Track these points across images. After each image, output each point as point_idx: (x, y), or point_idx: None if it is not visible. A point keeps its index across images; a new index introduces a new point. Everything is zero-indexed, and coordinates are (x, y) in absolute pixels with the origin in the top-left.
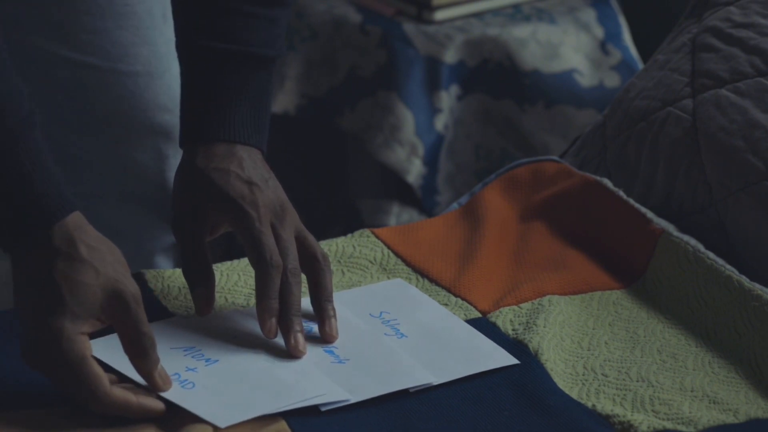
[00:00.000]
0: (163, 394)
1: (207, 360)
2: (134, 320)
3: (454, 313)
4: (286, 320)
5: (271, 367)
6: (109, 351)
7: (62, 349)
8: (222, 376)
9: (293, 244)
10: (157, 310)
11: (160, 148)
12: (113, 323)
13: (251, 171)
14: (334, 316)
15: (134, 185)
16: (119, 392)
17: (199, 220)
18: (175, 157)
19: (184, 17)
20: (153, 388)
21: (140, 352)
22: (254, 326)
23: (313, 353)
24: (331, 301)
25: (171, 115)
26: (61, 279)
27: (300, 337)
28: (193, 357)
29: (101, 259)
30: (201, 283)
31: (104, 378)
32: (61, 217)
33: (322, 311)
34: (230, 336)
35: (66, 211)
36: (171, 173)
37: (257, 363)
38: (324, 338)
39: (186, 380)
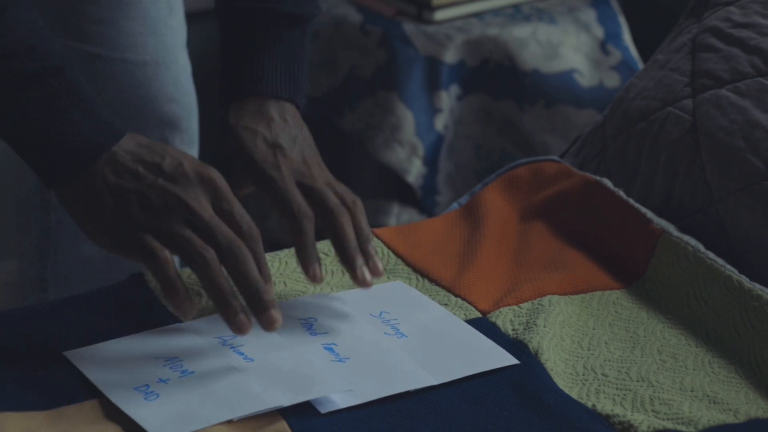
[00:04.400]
0: (119, 406)
1: (183, 372)
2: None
3: (454, 313)
4: (347, 257)
5: (248, 375)
6: (88, 361)
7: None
8: (189, 387)
9: (328, 190)
10: (157, 310)
11: (167, 139)
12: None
13: (279, 131)
14: (376, 254)
15: None
16: (178, 277)
17: (227, 174)
18: (181, 147)
19: None
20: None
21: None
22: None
23: (312, 351)
24: (370, 241)
25: (177, 105)
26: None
27: (366, 271)
28: (171, 368)
29: (172, 154)
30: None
31: (171, 262)
32: (115, 139)
33: (364, 252)
34: (222, 341)
35: (119, 133)
36: None
37: (234, 372)
38: (373, 273)
39: (152, 392)
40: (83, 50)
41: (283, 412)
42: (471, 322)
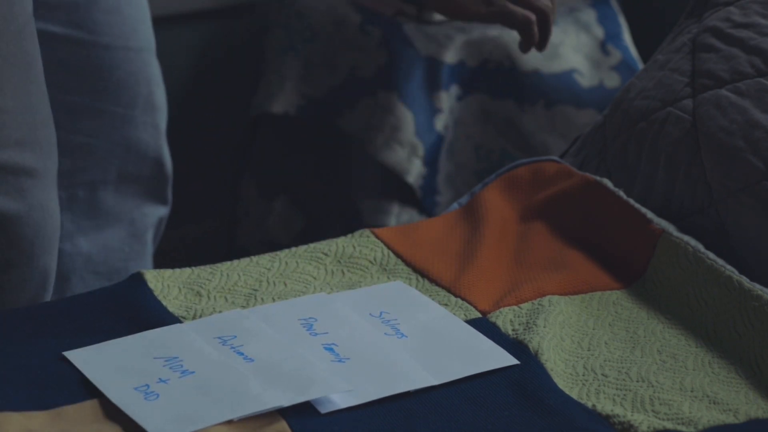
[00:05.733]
0: (119, 406)
1: (183, 371)
2: None
3: (454, 313)
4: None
5: (248, 375)
6: (88, 361)
7: None
8: (189, 387)
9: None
10: (157, 310)
11: (158, 124)
12: None
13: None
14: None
15: (134, 165)
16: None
17: None
18: (164, 131)
19: None
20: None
21: None
22: (252, 327)
23: (312, 351)
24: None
25: (160, 90)
26: None
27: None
28: (170, 368)
29: None
30: None
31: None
32: None
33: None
34: (222, 341)
35: None
36: (165, 148)
37: (234, 372)
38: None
39: (152, 392)
40: (93, 42)
41: (283, 412)
42: (471, 322)
